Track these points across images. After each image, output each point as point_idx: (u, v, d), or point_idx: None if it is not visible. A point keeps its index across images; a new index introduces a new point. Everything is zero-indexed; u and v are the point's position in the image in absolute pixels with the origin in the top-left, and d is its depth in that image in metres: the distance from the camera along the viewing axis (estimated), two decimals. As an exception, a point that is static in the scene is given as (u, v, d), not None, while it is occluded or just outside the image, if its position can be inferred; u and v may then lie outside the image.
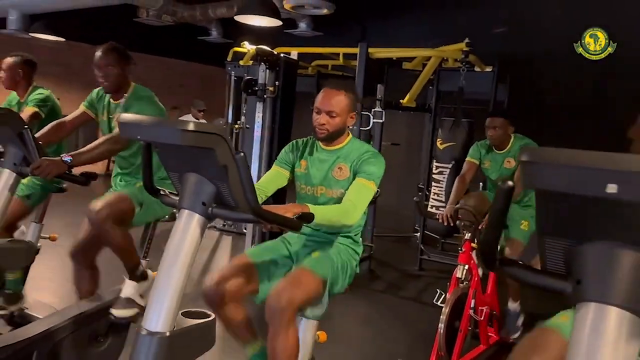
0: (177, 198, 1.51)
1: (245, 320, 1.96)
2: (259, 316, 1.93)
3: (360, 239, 2.19)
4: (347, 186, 1.99)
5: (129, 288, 2.49)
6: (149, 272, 2.55)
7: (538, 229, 0.96)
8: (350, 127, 2.12)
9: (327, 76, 6.70)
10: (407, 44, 5.52)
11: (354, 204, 1.89)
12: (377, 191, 5.51)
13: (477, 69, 5.05)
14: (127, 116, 1.42)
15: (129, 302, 2.45)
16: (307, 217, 1.63)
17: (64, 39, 7.91)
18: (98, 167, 4.88)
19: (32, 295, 3.27)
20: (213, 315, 1.60)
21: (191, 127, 1.29)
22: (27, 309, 3.17)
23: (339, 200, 2.00)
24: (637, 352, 0.88)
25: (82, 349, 2.45)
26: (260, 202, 2.01)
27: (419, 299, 4.49)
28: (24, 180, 2.51)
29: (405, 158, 7.75)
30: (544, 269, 0.98)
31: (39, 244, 3.16)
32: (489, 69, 4.99)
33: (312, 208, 1.74)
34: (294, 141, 2.18)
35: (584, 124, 5.92)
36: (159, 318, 1.41)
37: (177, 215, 1.50)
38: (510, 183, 0.93)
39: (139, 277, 2.50)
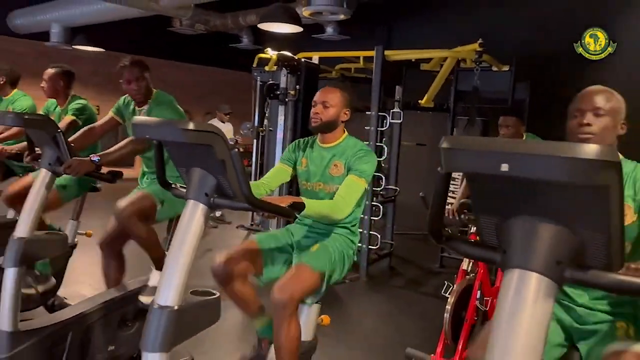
0: (185, 190, 1.72)
1: (251, 295, 2.15)
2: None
3: (358, 229, 2.35)
4: (341, 182, 2.15)
5: (155, 277, 2.72)
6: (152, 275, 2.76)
7: (474, 208, 1.12)
8: (343, 121, 2.26)
9: (350, 79, 6.87)
10: (432, 45, 5.61)
11: (344, 199, 2.06)
12: (397, 189, 5.62)
13: (494, 68, 5.12)
14: (139, 118, 1.64)
15: (155, 290, 2.68)
16: (298, 207, 1.81)
17: (103, 50, 8.37)
18: (135, 171, 5.22)
19: (70, 287, 3.59)
20: (218, 294, 1.80)
21: (191, 126, 1.50)
22: (66, 299, 3.49)
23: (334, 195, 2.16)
24: (552, 310, 1.02)
25: (112, 332, 2.69)
26: (265, 194, 2.23)
27: (438, 294, 4.58)
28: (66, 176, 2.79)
29: (429, 158, 7.83)
30: (480, 242, 1.13)
31: (75, 240, 3.47)
32: (505, 68, 5.05)
33: (305, 201, 1.91)
34: (297, 140, 2.37)
35: None
36: (169, 294, 1.61)
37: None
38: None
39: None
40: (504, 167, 0.87)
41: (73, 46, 7.99)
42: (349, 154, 2.18)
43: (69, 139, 2.52)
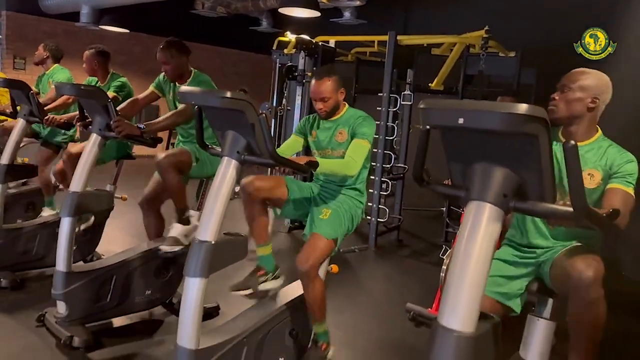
0: (220, 150, 2.09)
1: (265, 223, 2.47)
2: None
3: (365, 190, 2.69)
4: (347, 146, 2.49)
5: (176, 229, 3.05)
6: (192, 219, 3.09)
7: (447, 158, 1.47)
8: (343, 100, 2.57)
9: (365, 62, 7.16)
10: (447, 30, 5.85)
11: (353, 158, 2.40)
12: (406, 167, 5.91)
13: (501, 54, 5.39)
14: (186, 88, 2.01)
15: (176, 241, 3.01)
16: (313, 164, 2.17)
17: (128, 30, 8.74)
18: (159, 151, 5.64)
19: (106, 246, 4.00)
20: (245, 235, 2.17)
21: (228, 94, 1.86)
22: (104, 255, 3.90)
23: (342, 158, 2.51)
24: (499, 230, 1.37)
25: (150, 279, 3.09)
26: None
27: (439, 263, 4.93)
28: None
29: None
30: (452, 184, 1.48)
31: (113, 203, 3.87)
32: (512, 54, 5.32)
33: (320, 160, 2.26)
34: (307, 116, 2.73)
35: None
36: (207, 231, 1.99)
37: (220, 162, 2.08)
38: (427, 128, 1.44)
39: (185, 221, 3.06)
40: (461, 120, 1.21)
41: (100, 26, 8.37)
42: (351, 122, 2.52)
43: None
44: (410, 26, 8.46)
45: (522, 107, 1.17)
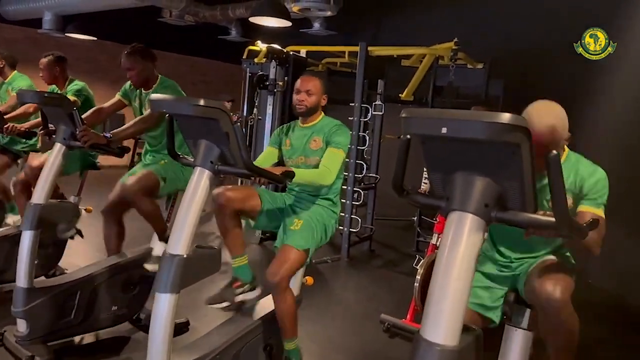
0: (192, 160, 2.02)
1: (239, 234, 2.40)
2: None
3: (339, 200, 2.66)
4: (321, 155, 2.45)
5: (158, 247, 3.00)
6: None
7: (426, 166, 1.45)
8: (322, 106, 2.55)
9: (336, 73, 7.17)
10: (417, 41, 5.88)
11: (327, 168, 2.36)
12: (377, 177, 5.92)
13: (469, 66, 5.48)
14: (157, 95, 1.94)
15: (158, 259, 2.91)
16: (289, 174, 2.12)
17: (94, 38, 8.53)
18: (124, 161, 5.44)
19: (69, 260, 3.85)
20: (219, 248, 2.10)
21: (202, 102, 1.80)
22: (67, 270, 3.75)
23: (316, 167, 2.46)
24: (482, 241, 1.35)
25: (116, 294, 2.98)
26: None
27: (413, 273, 4.91)
28: None
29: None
30: (432, 193, 1.46)
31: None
32: (480, 66, 5.42)
33: (295, 170, 2.22)
34: (281, 126, 2.68)
35: (585, 123, 6.19)
36: (179, 244, 1.92)
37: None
38: (407, 137, 1.41)
39: (167, 239, 3.00)
40: (444, 130, 1.19)
41: (65, 34, 8.14)
42: (326, 130, 2.48)
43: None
44: (380, 37, 8.52)
45: (505, 117, 1.16)
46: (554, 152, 1.21)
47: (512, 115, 1.16)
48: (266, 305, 2.46)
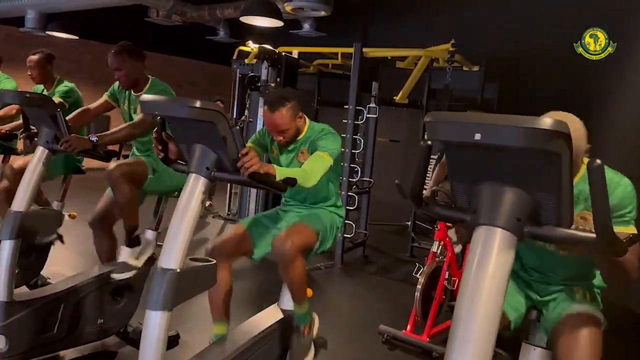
0: (185, 166, 1.87)
1: (227, 294, 2.30)
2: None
3: (342, 204, 2.56)
4: None
5: (123, 253, 2.82)
6: (142, 237, 2.87)
7: (450, 175, 1.32)
8: (300, 123, 2.38)
9: (328, 74, 7.05)
10: (410, 44, 5.77)
11: (310, 168, 2.16)
12: (371, 181, 5.82)
13: (465, 68, 5.38)
14: (148, 96, 1.79)
15: (126, 266, 2.77)
16: (290, 182, 1.96)
17: (77, 37, 8.30)
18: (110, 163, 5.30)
19: (53, 268, 3.66)
20: (214, 261, 1.95)
21: (198, 104, 1.66)
22: (49, 279, 3.57)
23: None
24: (513, 259, 1.22)
25: (101, 306, 2.81)
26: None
27: (408, 280, 4.83)
28: None
29: (404, 154, 8.09)
30: (455, 205, 1.33)
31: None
32: (476, 69, 5.32)
33: (277, 169, 1.98)
34: (266, 129, 2.47)
35: (584, 123, 6.11)
36: (171, 257, 1.76)
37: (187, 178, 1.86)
38: (428, 143, 1.28)
39: (134, 241, 2.83)
40: (477, 136, 1.06)
41: (47, 32, 7.91)
42: (313, 137, 2.34)
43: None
44: (370, 40, 8.41)
45: (547, 122, 1.03)
46: (598, 161, 1.08)
47: (555, 120, 1.04)
48: (260, 323, 2.32)
